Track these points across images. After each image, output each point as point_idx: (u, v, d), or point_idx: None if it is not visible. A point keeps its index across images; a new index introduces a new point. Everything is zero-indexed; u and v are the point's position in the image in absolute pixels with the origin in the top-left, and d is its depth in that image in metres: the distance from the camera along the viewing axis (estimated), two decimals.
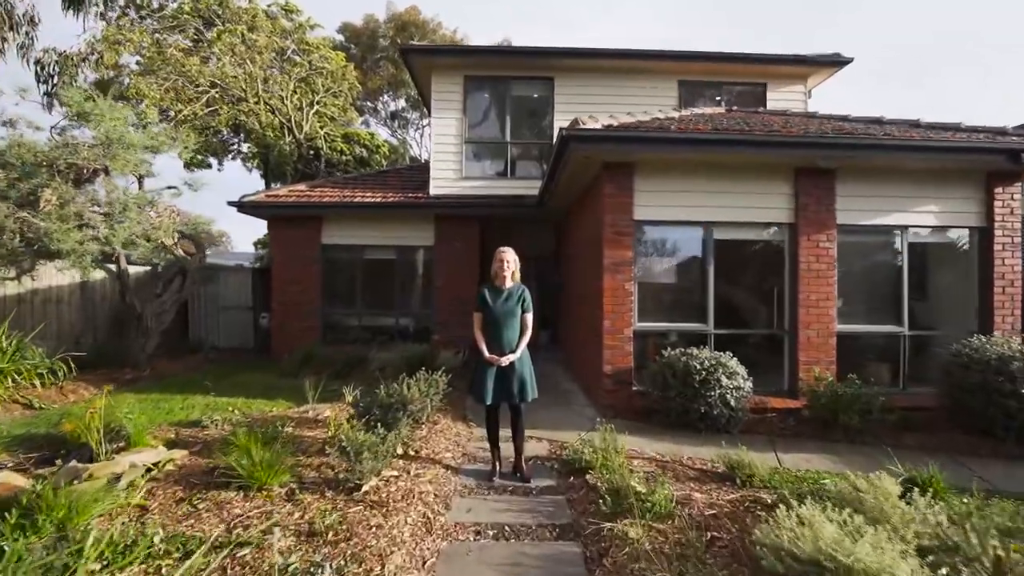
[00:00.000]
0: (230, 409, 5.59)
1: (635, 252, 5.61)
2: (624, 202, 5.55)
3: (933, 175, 5.79)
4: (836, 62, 9.38)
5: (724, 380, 4.87)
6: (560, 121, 8.82)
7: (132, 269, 9.17)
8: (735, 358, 5.09)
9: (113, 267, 8.05)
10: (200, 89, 11.37)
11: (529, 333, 3.66)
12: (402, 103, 25.79)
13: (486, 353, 3.54)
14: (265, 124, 12.53)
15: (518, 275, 3.75)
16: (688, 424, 4.97)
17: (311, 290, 9.33)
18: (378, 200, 9.11)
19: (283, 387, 6.87)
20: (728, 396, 4.86)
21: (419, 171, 11.01)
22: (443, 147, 9.46)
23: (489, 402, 3.55)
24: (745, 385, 4.97)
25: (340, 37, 21.40)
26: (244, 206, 8.99)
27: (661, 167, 5.63)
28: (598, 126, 5.14)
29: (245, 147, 15.71)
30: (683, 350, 5.23)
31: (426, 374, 4.93)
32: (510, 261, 3.65)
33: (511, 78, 9.53)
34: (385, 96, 25.29)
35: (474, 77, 9.54)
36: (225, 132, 14.81)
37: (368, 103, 25.39)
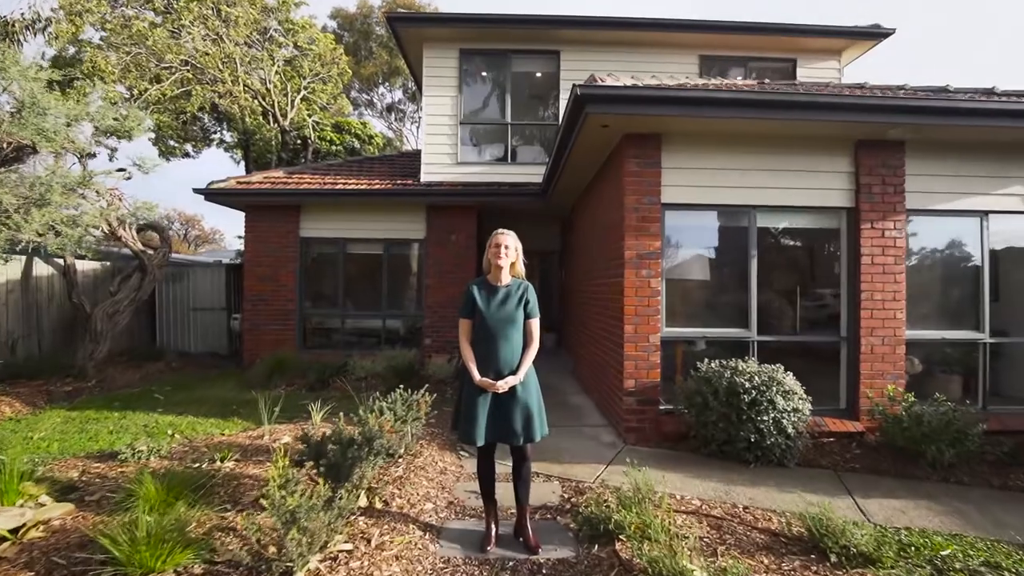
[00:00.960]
0: (169, 433, 4.60)
1: (662, 242, 4.61)
2: (649, 181, 4.55)
3: (1021, 150, 4.79)
4: (876, 34, 8.37)
5: (779, 401, 3.88)
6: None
7: (88, 265, 8.22)
8: (790, 373, 4.11)
9: (61, 261, 7.09)
10: (169, 67, 10.33)
11: (535, 347, 2.67)
12: (399, 95, 24.84)
13: (476, 376, 2.54)
14: (244, 107, 11.54)
15: (521, 268, 2.76)
16: (733, 454, 3.98)
17: (288, 288, 8.33)
18: (363, 187, 8.11)
19: (246, 401, 5.87)
20: (784, 421, 3.87)
21: (410, 158, 10.03)
22: (436, 129, 8.46)
23: (481, 443, 2.56)
24: (803, 407, 3.98)
25: (333, 23, 20.40)
26: (211, 194, 7.99)
27: (694, 139, 4.63)
28: (619, 84, 4.15)
29: (229, 136, 14.72)
30: (723, 362, 4.24)
31: (404, 392, 3.93)
32: (509, 247, 2.66)
33: (512, 52, 8.53)
34: (381, 88, 24.32)
35: (471, 51, 8.54)
36: (206, 119, 13.81)
37: (364, 95, 24.44)
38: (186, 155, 13.90)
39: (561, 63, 8.51)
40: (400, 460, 3.72)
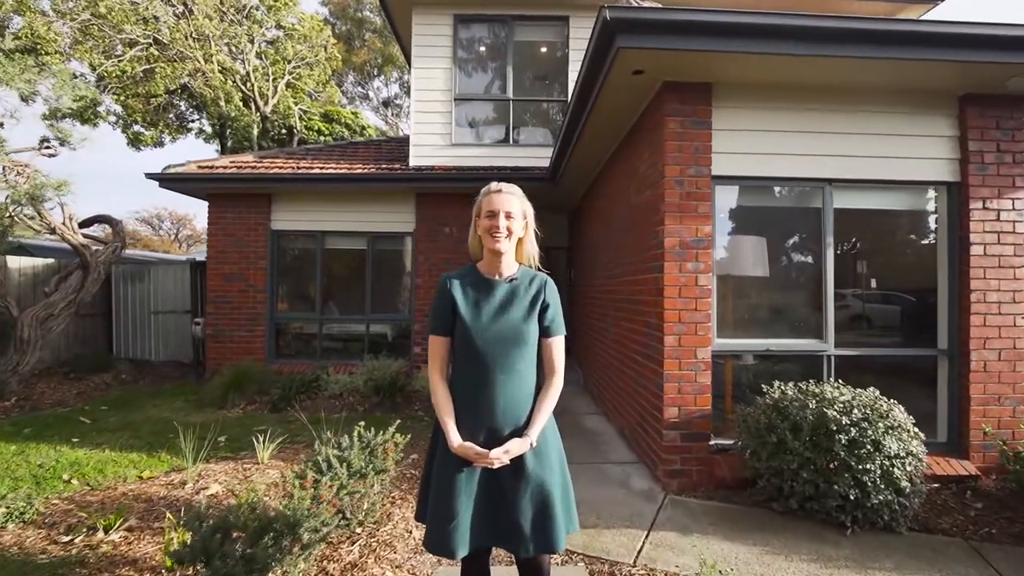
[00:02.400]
0: (66, 477, 3.51)
1: (713, 226, 3.52)
2: (697, 147, 3.47)
3: None
4: None
5: (888, 443, 2.79)
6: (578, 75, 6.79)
7: (27, 262, 7.16)
8: (894, 401, 3.02)
9: None
10: (131, 41, 9.25)
11: (558, 385, 1.58)
12: (395, 89, 23.83)
13: (455, 439, 1.46)
14: (217, 88, 10.43)
15: (533, 248, 1.67)
16: (820, 513, 2.89)
17: (257, 289, 7.26)
18: (342, 172, 7.04)
19: (192, 425, 4.78)
20: (895, 471, 2.78)
21: (399, 143, 8.95)
22: (426, 106, 7.39)
23: (463, 552, 1.46)
24: (919, 449, 2.89)
25: (324, 11, 19.36)
26: (167, 179, 6.93)
27: (754, 91, 3.55)
28: (664, 7, 3.06)
29: (209, 126, 13.64)
30: (802, 387, 3.17)
31: (366, 432, 2.84)
32: (513, 214, 1.57)
33: (514, 18, 7.46)
34: (377, 82, 23.33)
35: (467, 17, 7.48)
36: (183, 105, 12.75)
37: (359, 88, 23.44)
38: (158, 144, 12.82)
39: (570, 31, 7.44)
40: (359, 530, 2.63)
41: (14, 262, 6.87)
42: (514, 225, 1.55)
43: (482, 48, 7.81)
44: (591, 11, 7.37)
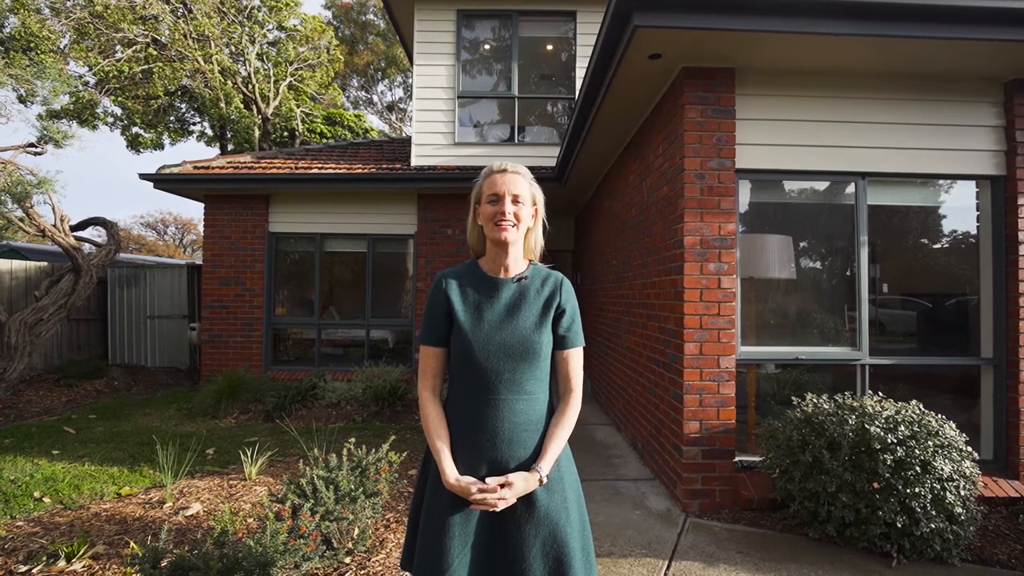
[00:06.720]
0: (37, 496, 3.27)
1: (737, 224, 3.25)
2: (720, 137, 3.20)
3: None
4: None
5: (939, 464, 2.49)
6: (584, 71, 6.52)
7: (18, 264, 6.97)
8: (944, 418, 2.73)
9: None
10: (130, 41, 9.10)
11: (576, 407, 1.30)
12: (399, 93, 23.74)
13: (449, 473, 1.21)
14: (216, 88, 10.25)
15: (539, 241, 1.40)
16: (861, 541, 2.60)
17: (253, 293, 7.03)
18: (342, 172, 6.81)
19: (181, 436, 4.56)
20: (948, 495, 2.48)
21: (401, 144, 8.74)
22: (429, 104, 7.17)
23: None
24: (972, 471, 2.59)
25: (327, 14, 19.28)
26: (162, 180, 6.72)
27: (781, 78, 3.28)
28: None
29: (209, 130, 13.50)
30: (838, 400, 2.88)
31: (357, 451, 2.57)
32: (521, 197, 1.29)
33: (520, 13, 7.24)
34: (381, 86, 23.24)
35: (470, 13, 7.26)
36: (184, 108, 12.61)
37: (363, 92, 23.36)
38: (158, 146, 12.64)
39: (578, 26, 7.22)
40: (347, 560, 2.36)
41: (5, 265, 6.69)
42: (522, 211, 1.28)
43: (486, 45, 7.58)
44: (599, 5, 7.14)
